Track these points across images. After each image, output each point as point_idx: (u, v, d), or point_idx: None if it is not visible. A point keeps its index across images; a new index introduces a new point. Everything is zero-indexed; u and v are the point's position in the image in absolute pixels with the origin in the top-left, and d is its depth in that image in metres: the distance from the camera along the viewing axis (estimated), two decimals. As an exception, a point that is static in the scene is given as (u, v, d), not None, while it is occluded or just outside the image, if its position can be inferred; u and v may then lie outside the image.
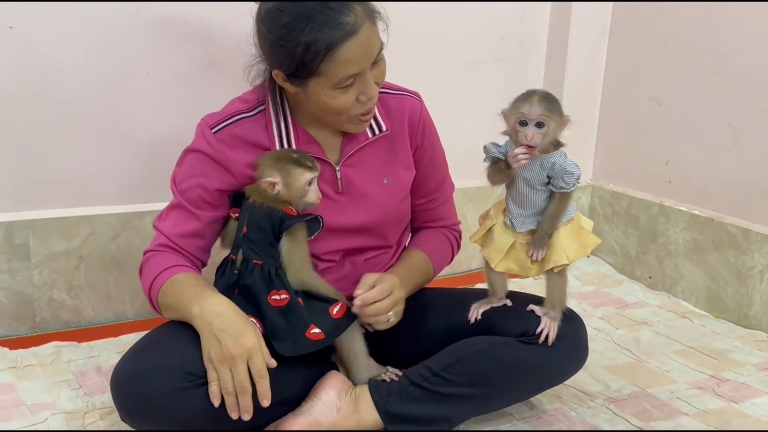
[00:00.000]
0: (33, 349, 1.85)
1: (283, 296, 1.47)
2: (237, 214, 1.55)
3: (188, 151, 1.59)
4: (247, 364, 1.37)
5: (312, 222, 1.52)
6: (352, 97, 1.47)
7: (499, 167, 1.51)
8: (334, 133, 1.61)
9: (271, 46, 1.45)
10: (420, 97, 1.70)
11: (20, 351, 1.83)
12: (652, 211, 2.47)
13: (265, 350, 1.40)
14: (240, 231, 1.52)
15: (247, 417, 1.38)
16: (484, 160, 1.54)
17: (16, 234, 1.92)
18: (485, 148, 1.53)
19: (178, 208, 1.58)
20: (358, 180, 1.63)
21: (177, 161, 1.61)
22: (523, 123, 1.45)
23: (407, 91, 1.69)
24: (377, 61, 1.48)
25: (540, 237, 1.50)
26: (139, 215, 2.03)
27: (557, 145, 1.49)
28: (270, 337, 1.45)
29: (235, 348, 1.36)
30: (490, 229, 1.58)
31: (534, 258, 1.50)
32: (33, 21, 1.84)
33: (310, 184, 1.51)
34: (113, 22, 1.92)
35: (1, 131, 1.88)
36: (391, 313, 1.52)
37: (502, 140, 1.54)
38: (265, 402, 1.38)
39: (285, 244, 1.49)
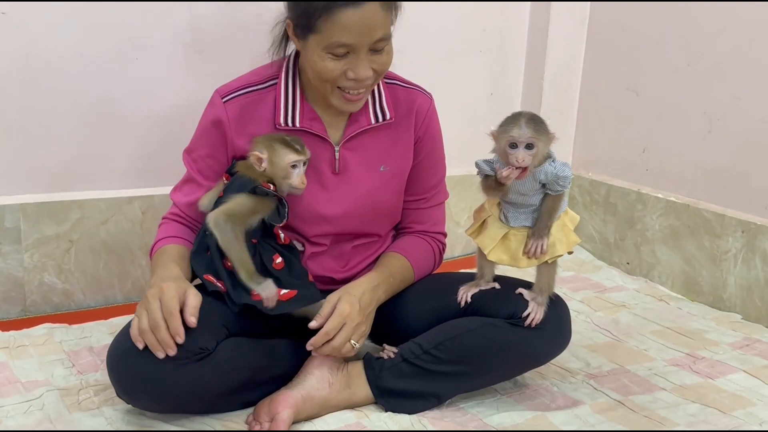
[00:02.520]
0: (25, 330, 1.86)
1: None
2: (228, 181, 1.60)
3: (200, 121, 1.66)
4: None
5: (279, 206, 1.55)
6: (339, 68, 1.50)
7: (491, 184, 1.55)
8: (338, 115, 1.64)
9: None
10: (431, 96, 1.73)
11: (12, 332, 1.85)
12: (630, 198, 2.53)
13: (192, 305, 1.40)
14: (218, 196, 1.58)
15: (171, 352, 1.37)
16: (477, 174, 1.58)
17: (7, 217, 1.93)
18: (477, 164, 1.57)
19: (189, 180, 1.66)
20: (356, 163, 1.66)
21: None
22: (513, 145, 1.47)
23: (420, 88, 1.72)
24: (379, 49, 1.51)
25: (540, 229, 1.55)
26: (128, 200, 2.06)
27: (546, 157, 1.53)
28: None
29: (150, 292, 1.41)
30: (484, 221, 1.62)
31: (533, 250, 1.54)
32: (24, 6, 1.86)
33: (294, 167, 1.55)
34: (103, 7, 1.94)
35: (-8, 115, 1.90)
36: (352, 341, 1.53)
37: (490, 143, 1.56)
38: (179, 339, 1.37)
39: (239, 196, 1.53)
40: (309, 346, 1.51)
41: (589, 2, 2.63)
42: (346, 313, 1.52)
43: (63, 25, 1.92)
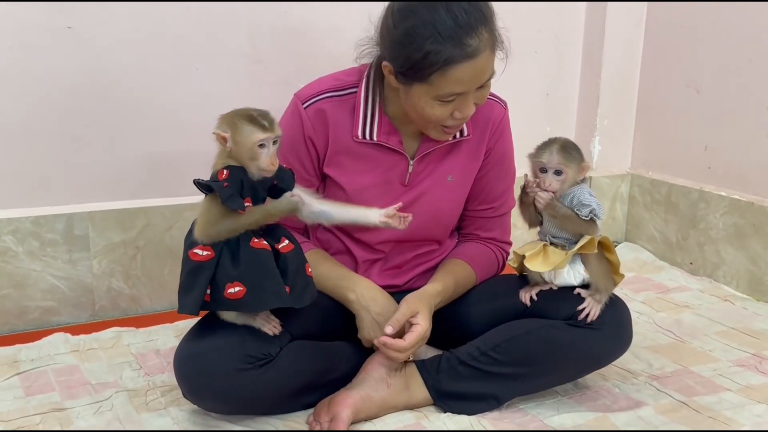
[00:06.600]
0: (94, 334, 1.93)
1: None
2: None
3: (281, 126, 1.57)
4: None
5: (230, 200, 1.35)
6: (448, 112, 1.50)
7: (524, 202, 1.62)
8: (416, 129, 1.63)
9: (393, 42, 1.47)
10: (506, 105, 1.73)
11: (82, 336, 1.91)
12: (692, 197, 2.49)
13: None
14: None
15: None
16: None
17: (77, 225, 2.00)
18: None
19: None
20: (426, 177, 1.66)
21: None
22: (544, 170, 1.57)
23: (496, 97, 1.72)
24: (483, 85, 1.51)
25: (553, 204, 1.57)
26: (191, 207, 2.09)
27: (575, 183, 1.59)
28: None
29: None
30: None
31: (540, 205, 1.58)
32: (89, 21, 1.93)
33: (262, 146, 1.37)
34: (165, 20, 2.00)
35: (62, 127, 1.97)
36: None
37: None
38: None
39: (202, 203, 1.41)
40: (381, 341, 1.51)
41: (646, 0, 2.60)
42: (425, 335, 1.54)
43: (127, 39, 1.98)
